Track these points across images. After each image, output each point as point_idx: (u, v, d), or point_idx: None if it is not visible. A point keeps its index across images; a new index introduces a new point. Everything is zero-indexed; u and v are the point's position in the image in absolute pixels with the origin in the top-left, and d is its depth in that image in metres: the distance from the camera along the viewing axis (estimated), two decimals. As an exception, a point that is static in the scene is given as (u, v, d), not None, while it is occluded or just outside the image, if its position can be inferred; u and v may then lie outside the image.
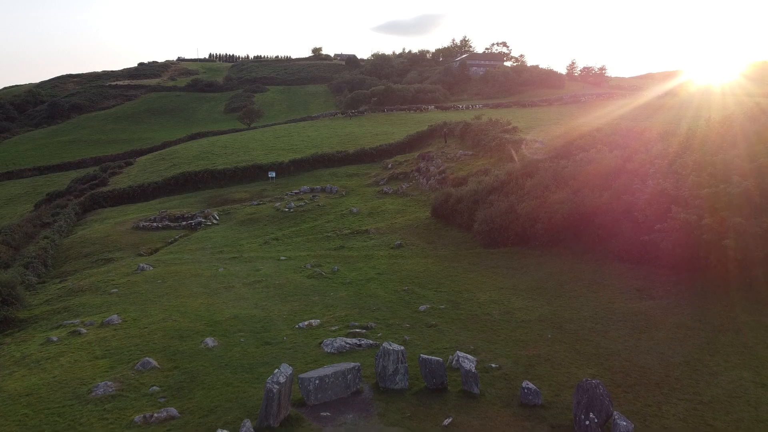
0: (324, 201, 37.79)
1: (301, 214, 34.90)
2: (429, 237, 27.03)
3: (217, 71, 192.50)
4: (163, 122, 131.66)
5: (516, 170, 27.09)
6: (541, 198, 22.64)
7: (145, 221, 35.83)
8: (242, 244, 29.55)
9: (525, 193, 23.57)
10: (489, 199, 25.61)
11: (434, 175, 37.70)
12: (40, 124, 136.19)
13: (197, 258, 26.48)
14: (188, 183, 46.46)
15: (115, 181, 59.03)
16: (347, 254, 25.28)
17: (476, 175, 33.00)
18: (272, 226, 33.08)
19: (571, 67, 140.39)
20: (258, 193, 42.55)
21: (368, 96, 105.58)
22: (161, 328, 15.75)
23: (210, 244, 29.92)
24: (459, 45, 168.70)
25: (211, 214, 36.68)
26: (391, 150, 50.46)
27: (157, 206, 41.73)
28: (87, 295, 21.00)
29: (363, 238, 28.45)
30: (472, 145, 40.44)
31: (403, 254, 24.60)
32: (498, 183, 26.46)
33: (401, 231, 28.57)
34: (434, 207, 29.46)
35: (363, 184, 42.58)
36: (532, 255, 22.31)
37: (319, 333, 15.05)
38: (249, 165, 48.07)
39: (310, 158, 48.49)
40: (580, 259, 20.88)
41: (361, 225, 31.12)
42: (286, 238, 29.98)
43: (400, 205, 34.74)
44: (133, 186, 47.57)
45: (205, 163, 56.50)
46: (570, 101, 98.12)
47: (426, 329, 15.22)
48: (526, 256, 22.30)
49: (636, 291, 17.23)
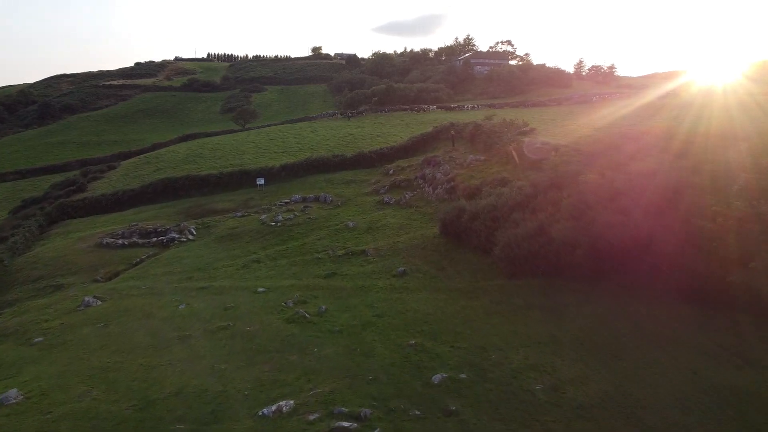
0: (317, 213, 33.26)
1: (289, 228, 30.36)
2: (438, 261, 22.46)
3: (214, 71, 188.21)
4: (157, 123, 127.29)
5: (543, 181, 22.52)
6: (582, 218, 18.07)
7: (111, 237, 31.32)
8: (217, 267, 25.03)
9: (559, 211, 19.01)
10: (512, 217, 21.04)
11: (441, 183, 33.14)
12: (30, 125, 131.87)
13: (159, 288, 21.95)
14: (168, 191, 41.92)
15: (94, 186, 54.57)
16: (339, 284, 20.73)
17: (491, 185, 28.42)
18: (255, 244, 28.55)
19: (579, 66, 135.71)
20: (243, 203, 38.03)
21: (368, 96, 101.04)
22: (71, 414, 11.22)
23: (180, 267, 25.41)
24: (462, 44, 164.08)
25: (187, 228, 32.16)
26: (392, 154, 45.89)
27: (131, 217, 37.21)
28: (6, 343, 16.49)
29: (359, 261, 23.92)
30: (484, 149, 35.87)
31: (408, 285, 20.05)
32: (522, 197, 21.89)
33: (405, 253, 24.02)
34: (444, 223, 24.88)
35: (361, 192, 38.04)
36: (570, 290, 17.75)
37: (289, 428, 10.49)
38: (236, 171, 43.51)
39: (304, 163, 43.93)
40: (634, 298, 16.33)
41: (357, 243, 26.59)
42: (269, 260, 25.44)
43: (403, 219, 30.19)
44: (107, 194, 43.05)
45: (191, 167, 52.04)
46: (580, 101, 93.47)
47: (443, 420, 10.68)
48: (563, 292, 17.74)
49: (728, 353, 12.67)
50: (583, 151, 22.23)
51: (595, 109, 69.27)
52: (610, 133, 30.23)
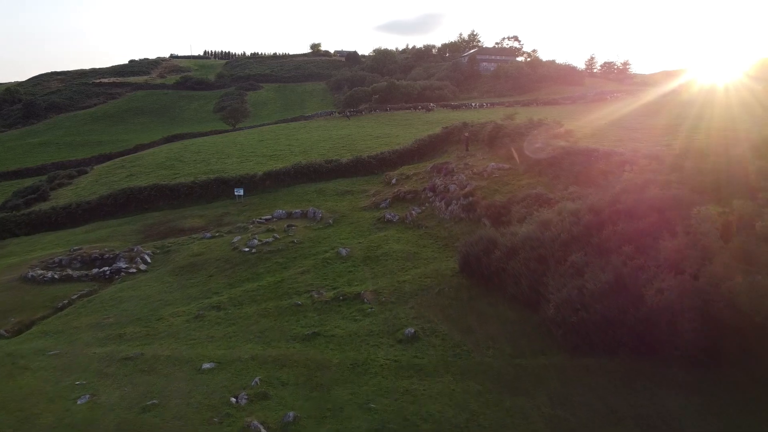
0: (302, 234, 26.93)
1: (265, 257, 24.04)
2: (462, 318, 16.10)
3: (210, 68, 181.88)
4: (146, 123, 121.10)
5: (603, 205, 16.12)
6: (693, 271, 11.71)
7: (43, 266, 24.99)
8: (162, 316, 18.70)
9: (655, 257, 12.65)
10: (570, 259, 14.68)
11: (456, 197, 26.79)
12: (14, 124, 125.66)
13: (70, 355, 15.61)
14: (131, 203, 35.56)
15: (57, 195, 48.38)
16: (322, 357, 14.37)
17: (524, 204, 22.08)
18: (219, 279, 22.23)
19: (590, 63, 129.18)
20: (216, 219, 31.70)
21: (369, 93, 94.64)
22: None
23: (114, 317, 19.09)
24: (467, 40, 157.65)
25: (141, 254, 25.82)
26: (395, 159, 39.51)
27: (80, 237, 30.91)
28: None
29: (353, 311, 17.59)
30: (508, 154, 29.48)
31: (421, 362, 13.70)
32: (581, 229, 15.52)
33: (414, 300, 17.68)
34: (466, 259, 18.51)
35: (358, 206, 31.69)
36: (678, 384, 11.43)
37: None
38: (212, 179, 37.13)
39: (291, 170, 37.57)
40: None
41: (351, 281, 20.28)
42: (232, 306, 19.10)
43: (410, 244, 23.87)
44: (57, 207, 36.61)
45: (166, 173, 45.85)
46: (596, 99, 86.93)
47: None
48: (666, 387, 11.42)
49: None
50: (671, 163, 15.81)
51: (617, 107, 62.77)
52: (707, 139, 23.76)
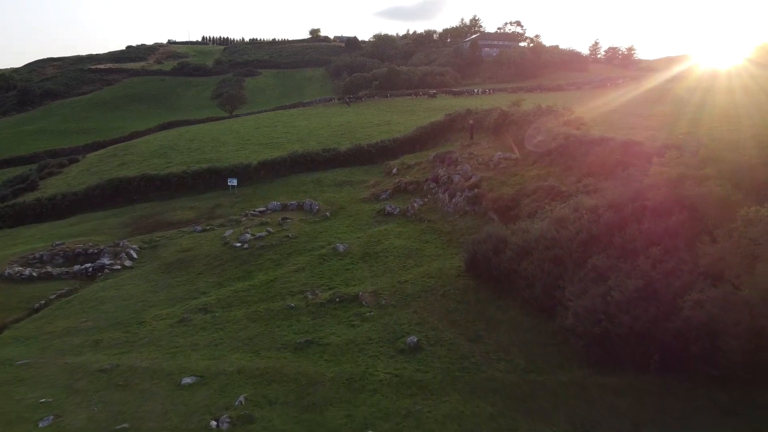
0: (298, 228, 25.46)
1: (258, 252, 22.59)
2: (469, 323, 14.68)
3: (208, 54, 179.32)
4: (142, 109, 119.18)
5: (625, 200, 14.60)
6: (737, 281, 10.25)
7: (21, 263, 23.56)
8: (144, 319, 17.30)
9: (687, 261, 11.17)
10: (590, 262, 13.20)
11: (461, 189, 25.25)
12: (8, 111, 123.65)
13: (38, 366, 14.24)
14: (119, 194, 34.02)
15: (46, 185, 46.90)
16: (315, 370, 12.97)
17: (535, 197, 20.59)
18: (208, 277, 20.81)
19: (594, 48, 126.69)
20: (208, 212, 30.21)
21: (369, 79, 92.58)
22: None
23: (92, 320, 17.70)
24: (469, 25, 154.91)
25: (127, 249, 24.39)
26: (396, 148, 37.91)
27: (64, 230, 29.47)
28: None
29: (350, 315, 16.17)
30: (515, 143, 27.90)
31: (425, 378, 12.30)
32: (601, 227, 14.01)
33: (416, 303, 16.25)
34: (473, 259, 17.03)
35: (357, 197, 30.17)
36: (716, 410, 10.03)
37: None
38: (204, 169, 35.55)
39: (288, 159, 35.98)
40: None
41: (348, 280, 18.85)
42: (220, 308, 17.69)
43: (412, 239, 22.38)
44: (42, 199, 35.11)
45: (158, 162, 44.33)
46: (601, 84, 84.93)
47: None
48: (700, 409, 10.03)
49: None
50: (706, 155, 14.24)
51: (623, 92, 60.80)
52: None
